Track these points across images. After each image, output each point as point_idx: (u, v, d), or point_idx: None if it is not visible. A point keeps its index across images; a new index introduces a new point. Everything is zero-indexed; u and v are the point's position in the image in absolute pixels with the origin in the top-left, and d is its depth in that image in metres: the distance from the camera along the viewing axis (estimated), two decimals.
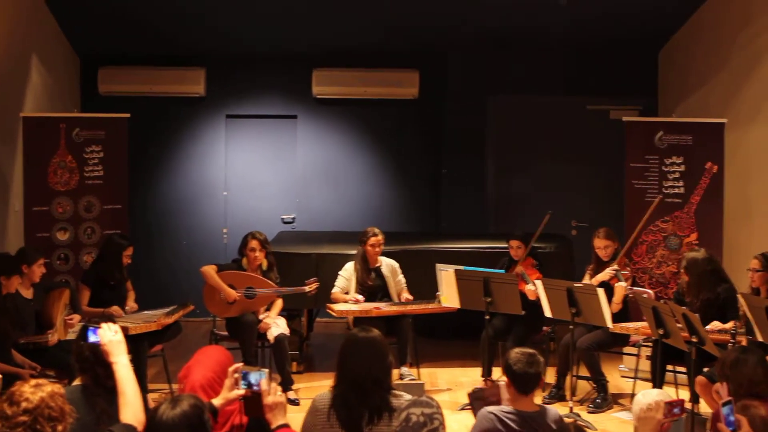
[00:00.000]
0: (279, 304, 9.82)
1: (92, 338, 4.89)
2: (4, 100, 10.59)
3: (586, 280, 9.58)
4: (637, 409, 5.15)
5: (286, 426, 4.76)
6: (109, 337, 4.80)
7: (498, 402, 5.60)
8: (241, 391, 4.89)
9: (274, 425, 4.76)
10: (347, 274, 10.01)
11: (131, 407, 4.58)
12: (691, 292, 8.68)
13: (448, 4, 11.88)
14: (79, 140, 10.97)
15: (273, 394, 4.80)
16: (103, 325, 4.85)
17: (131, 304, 9.56)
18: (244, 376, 4.89)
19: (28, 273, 8.51)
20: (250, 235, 9.71)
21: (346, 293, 9.93)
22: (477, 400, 5.63)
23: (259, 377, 4.84)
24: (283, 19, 12.23)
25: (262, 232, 9.82)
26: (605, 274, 9.33)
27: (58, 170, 10.87)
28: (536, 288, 9.18)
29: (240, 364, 4.99)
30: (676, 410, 5.01)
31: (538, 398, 5.68)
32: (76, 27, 12.39)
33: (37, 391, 4.09)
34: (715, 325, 8.36)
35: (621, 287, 9.14)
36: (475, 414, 5.74)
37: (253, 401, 4.92)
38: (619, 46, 12.89)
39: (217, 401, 4.93)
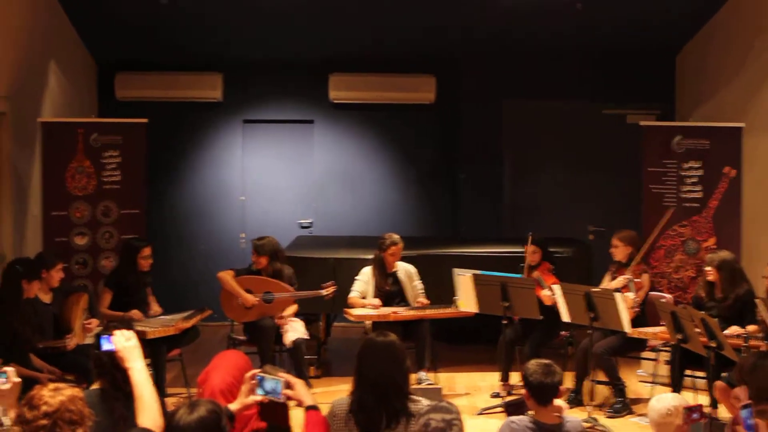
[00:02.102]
0: (293, 308, 9.83)
1: (106, 346, 4.88)
2: (23, 105, 10.62)
3: (607, 279, 9.59)
4: (654, 415, 5.13)
5: (315, 408, 4.81)
6: (123, 343, 4.81)
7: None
8: (257, 396, 4.91)
9: (304, 405, 4.85)
10: (365, 278, 10.01)
11: (149, 412, 4.59)
12: (725, 289, 8.68)
13: (465, 9, 11.87)
14: (97, 145, 10.99)
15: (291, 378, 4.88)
16: (116, 333, 4.85)
17: (155, 308, 9.62)
18: (261, 382, 4.90)
19: (46, 278, 8.55)
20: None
21: (364, 298, 9.93)
22: (511, 406, 5.61)
23: (275, 385, 4.86)
24: (300, 24, 12.24)
25: (267, 237, 9.85)
26: (619, 282, 9.33)
27: (76, 175, 10.90)
28: (552, 293, 9.18)
29: (257, 370, 5.00)
30: (695, 415, 4.99)
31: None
32: (94, 33, 12.43)
33: (56, 394, 4.11)
34: (735, 329, 8.34)
35: (628, 298, 9.11)
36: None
37: (269, 407, 4.93)
38: (636, 51, 12.86)
39: (233, 406, 4.94)
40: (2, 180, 10.34)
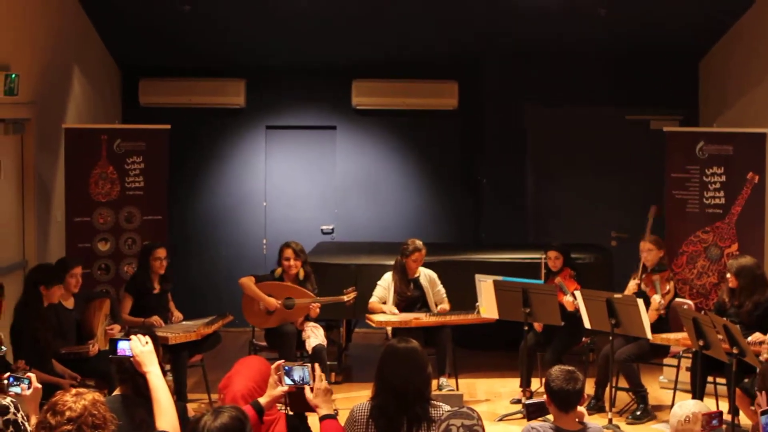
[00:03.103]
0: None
1: (122, 351, 4.89)
2: (47, 111, 10.68)
3: (631, 286, 9.56)
4: (674, 422, 5.12)
5: (331, 417, 4.83)
6: (140, 348, 4.82)
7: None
8: (285, 387, 4.95)
9: (320, 415, 4.84)
10: (385, 284, 10.02)
11: (166, 415, 4.62)
12: (744, 295, 8.63)
13: (487, 15, 11.87)
14: (120, 151, 11.02)
15: (318, 380, 4.93)
16: (133, 337, 4.86)
17: (177, 314, 9.69)
18: (288, 372, 4.94)
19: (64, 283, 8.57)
20: (284, 245, 9.79)
21: (384, 303, 9.95)
22: (532, 406, 5.60)
23: (303, 373, 4.90)
24: (322, 30, 12.26)
25: (298, 242, 9.89)
26: (651, 284, 9.30)
27: (99, 181, 10.92)
28: (575, 299, 9.18)
29: (282, 361, 5.05)
30: (714, 422, 4.98)
31: None
32: (118, 39, 12.48)
33: (79, 399, 4.13)
34: (758, 336, 8.30)
35: (654, 301, 9.11)
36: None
37: (298, 396, 4.98)
38: (660, 56, 12.82)
39: (263, 399, 5.02)
40: (26, 186, 10.39)
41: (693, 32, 12.27)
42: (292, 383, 4.95)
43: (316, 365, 5.02)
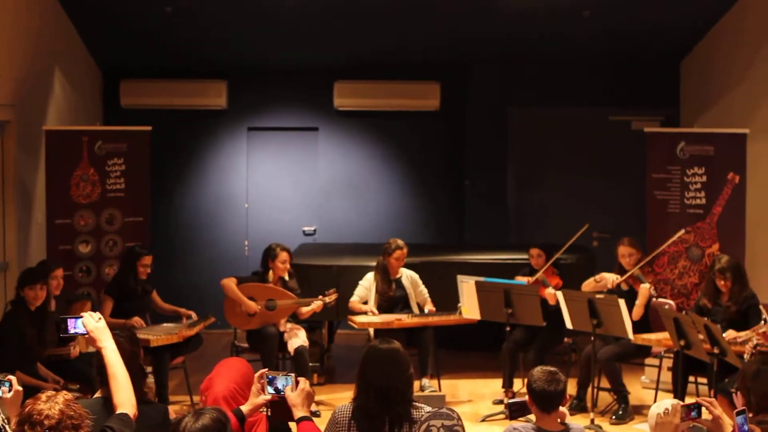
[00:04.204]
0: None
1: (74, 329, 4.89)
2: (28, 113, 10.64)
3: (591, 280, 9.59)
4: (652, 422, 5.11)
5: (308, 419, 4.82)
6: (93, 324, 4.84)
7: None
8: (267, 396, 4.96)
9: (295, 417, 4.85)
10: (367, 283, 10.02)
11: (123, 390, 4.70)
12: (735, 293, 8.63)
13: (470, 16, 11.88)
14: (102, 153, 10.98)
15: (303, 382, 4.98)
16: (84, 314, 4.88)
17: (185, 311, 9.70)
18: (271, 381, 4.95)
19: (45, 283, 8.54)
20: (279, 248, 9.73)
21: (365, 303, 9.95)
22: (514, 405, 5.60)
23: (286, 382, 4.90)
24: (304, 31, 12.26)
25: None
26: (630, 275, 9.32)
27: (80, 183, 10.88)
28: (556, 293, 9.22)
29: (266, 369, 5.06)
30: (693, 413, 4.95)
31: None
32: (99, 40, 12.45)
33: (53, 405, 4.07)
34: (731, 333, 8.30)
35: (645, 288, 9.14)
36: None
37: (280, 405, 4.99)
38: (641, 57, 12.87)
39: (245, 407, 5.02)
40: (7, 188, 10.36)
41: (674, 33, 12.31)
42: (274, 392, 4.96)
43: (301, 379, 5.01)
